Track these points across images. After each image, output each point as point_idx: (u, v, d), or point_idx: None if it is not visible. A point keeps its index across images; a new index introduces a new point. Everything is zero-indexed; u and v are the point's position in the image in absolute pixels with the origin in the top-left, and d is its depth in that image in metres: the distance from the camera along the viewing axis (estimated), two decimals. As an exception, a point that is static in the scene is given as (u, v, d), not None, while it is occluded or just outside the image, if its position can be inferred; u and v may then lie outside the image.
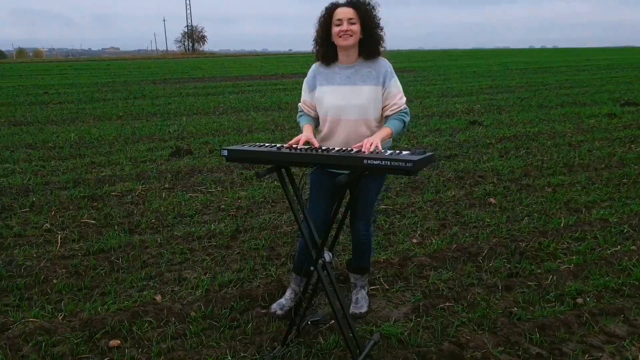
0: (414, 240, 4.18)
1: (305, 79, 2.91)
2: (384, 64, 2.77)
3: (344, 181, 2.27)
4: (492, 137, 8.34)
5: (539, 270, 3.64)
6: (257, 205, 5.13)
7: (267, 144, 2.74)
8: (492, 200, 5.20)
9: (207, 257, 3.91)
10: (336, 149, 2.46)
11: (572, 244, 4.07)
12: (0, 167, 6.73)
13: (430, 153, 2.35)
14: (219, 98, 14.72)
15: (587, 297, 3.26)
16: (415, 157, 2.23)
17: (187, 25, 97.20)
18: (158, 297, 3.27)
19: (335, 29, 2.68)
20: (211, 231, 4.41)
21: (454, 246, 4.03)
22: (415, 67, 29.93)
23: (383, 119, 2.81)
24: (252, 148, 2.60)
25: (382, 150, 2.42)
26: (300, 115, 2.96)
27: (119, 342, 2.83)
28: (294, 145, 2.58)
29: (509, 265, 3.72)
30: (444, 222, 4.61)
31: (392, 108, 2.75)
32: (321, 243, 2.55)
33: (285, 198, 5.05)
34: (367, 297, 3.19)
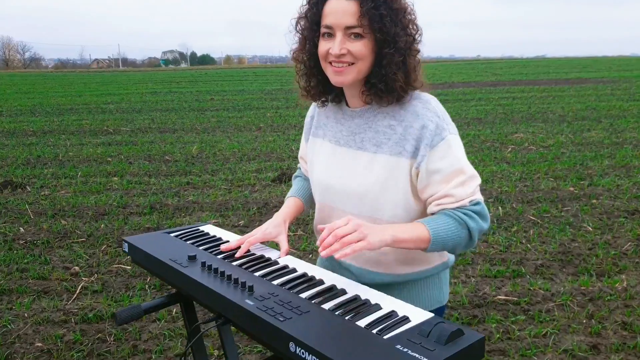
0: (532, 377, 2.52)
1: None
2: (423, 110, 1.27)
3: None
4: None
5: None
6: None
7: (209, 236, 1.57)
8: (696, 305, 3.16)
9: (216, 352, 2.80)
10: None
11: None
12: (107, 180, 6.56)
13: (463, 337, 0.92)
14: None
15: None
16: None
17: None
18: None
19: (322, 47, 1.28)
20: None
21: (601, 410, 2.28)
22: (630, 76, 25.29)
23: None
24: (155, 251, 1.43)
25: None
26: (296, 177, 1.70)
27: None
28: (232, 248, 1.41)
29: None
30: (596, 341, 2.82)
31: (442, 202, 1.26)
32: None
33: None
34: None
